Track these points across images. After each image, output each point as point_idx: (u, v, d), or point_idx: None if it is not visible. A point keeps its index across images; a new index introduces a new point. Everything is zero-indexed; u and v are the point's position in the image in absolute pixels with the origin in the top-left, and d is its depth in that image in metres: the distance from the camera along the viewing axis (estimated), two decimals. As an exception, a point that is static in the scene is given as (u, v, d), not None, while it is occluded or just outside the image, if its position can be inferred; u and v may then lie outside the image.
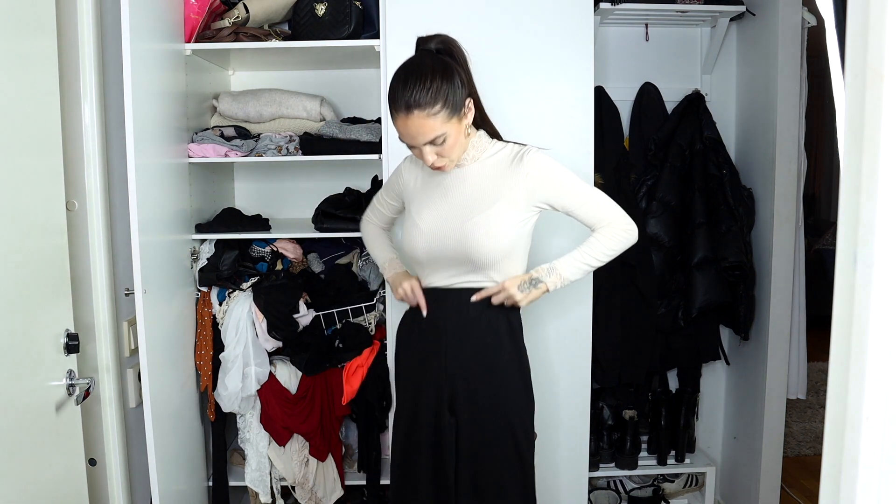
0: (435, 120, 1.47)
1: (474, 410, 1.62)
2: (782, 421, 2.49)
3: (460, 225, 1.57)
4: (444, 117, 1.48)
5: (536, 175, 1.57)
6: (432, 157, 1.52)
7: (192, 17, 2.08)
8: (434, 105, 1.46)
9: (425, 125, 1.47)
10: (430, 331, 1.66)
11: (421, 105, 1.45)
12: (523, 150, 1.60)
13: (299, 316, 2.17)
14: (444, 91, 1.47)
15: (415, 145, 1.52)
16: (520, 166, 1.57)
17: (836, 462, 0.59)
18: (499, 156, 1.61)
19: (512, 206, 1.57)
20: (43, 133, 1.41)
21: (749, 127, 2.55)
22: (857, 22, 0.56)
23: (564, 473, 2.20)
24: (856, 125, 0.56)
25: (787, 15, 2.30)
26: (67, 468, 1.47)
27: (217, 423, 2.23)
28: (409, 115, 1.46)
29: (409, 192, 1.71)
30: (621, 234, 1.62)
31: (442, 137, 1.49)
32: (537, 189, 1.58)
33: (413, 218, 1.65)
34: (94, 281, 1.84)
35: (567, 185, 1.60)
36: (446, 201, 1.62)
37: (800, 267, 2.50)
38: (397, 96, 1.47)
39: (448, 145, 1.51)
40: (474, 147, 1.61)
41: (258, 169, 2.59)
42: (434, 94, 1.46)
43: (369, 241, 1.91)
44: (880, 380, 0.56)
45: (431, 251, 1.61)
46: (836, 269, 0.59)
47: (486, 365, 1.63)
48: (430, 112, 1.46)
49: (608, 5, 2.33)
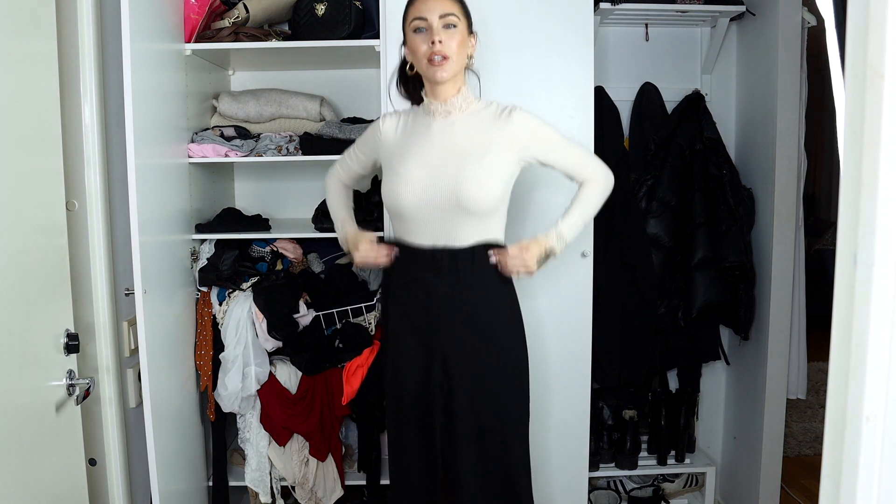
0: (455, 3, 1.58)
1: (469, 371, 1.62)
2: (782, 421, 2.49)
3: (454, 173, 1.56)
4: (461, 11, 1.59)
5: (528, 131, 1.63)
6: (439, 36, 1.55)
7: (192, 17, 2.08)
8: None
9: (447, 1, 1.57)
10: (416, 290, 1.63)
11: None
12: (510, 106, 1.65)
13: (299, 316, 2.17)
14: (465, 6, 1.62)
15: (429, 20, 1.56)
16: (509, 120, 1.62)
17: (836, 462, 0.59)
18: (487, 110, 1.65)
19: (501, 159, 1.60)
20: (43, 133, 1.41)
21: (749, 127, 2.55)
22: (857, 22, 0.56)
23: (564, 473, 2.20)
24: (856, 125, 0.56)
25: (787, 15, 2.30)
26: (67, 468, 1.47)
27: (217, 423, 2.23)
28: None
29: (387, 145, 1.69)
30: (604, 185, 1.72)
31: (455, 21, 1.57)
32: (528, 144, 1.63)
33: (395, 168, 1.63)
34: (94, 281, 1.84)
35: (553, 141, 1.67)
36: (434, 151, 1.61)
37: (800, 267, 2.49)
38: None
39: (456, 41, 1.57)
40: (463, 97, 1.64)
41: (258, 169, 2.59)
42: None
43: (331, 196, 1.91)
44: (880, 380, 0.56)
45: (418, 202, 1.58)
46: (836, 269, 0.59)
47: (479, 325, 1.62)
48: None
49: (608, 5, 2.33)
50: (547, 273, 1.93)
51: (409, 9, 1.61)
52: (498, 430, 1.65)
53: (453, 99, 1.62)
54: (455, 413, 1.63)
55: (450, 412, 1.64)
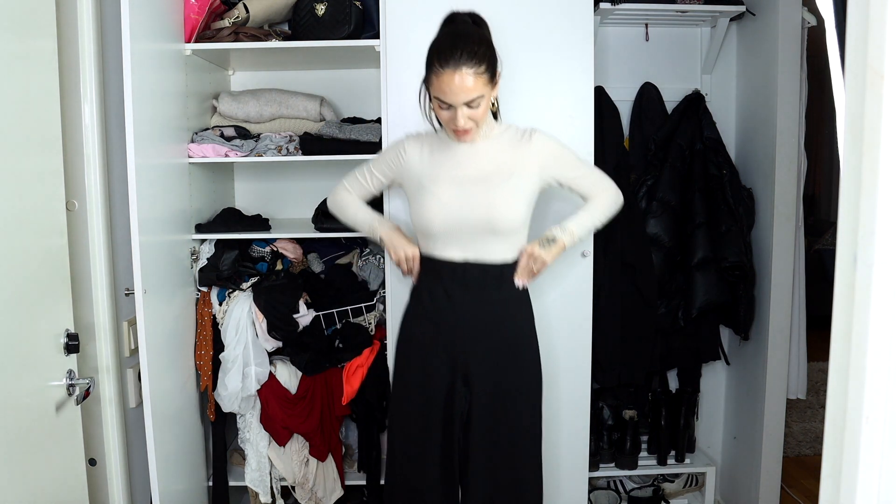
0: (478, 80, 1.53)
1: (490, 384, 1.69)
2: (782, 421, 2.49)
3: (484, 194, 1.64)
4: (486, 80, 1.55)
5: (548, 152, 1.70)
6: (464, 120, 1.57)
7: (192, 17, 2.08)
8: (481, 65, 1.53)
9: (470, 83, 1.52)
10: (444, 304, 1.70)
11: (470, 62, 1.51)
12: (528, 129, 1.71)
13: (299, 316, 2.17)
14: (488, 55, 1.56)
15: (453, 104, 1.55)
16: (529, 144, 1.68)
17: (836, 462, 0.59)
18: (507, 134, 1.71)
19: (525, 179, 1.67)
20: (43, 133, 1.41)
21: (749, 127, 2.55)
22: (857, 22, 0.56)
23: (564, 473, 2.20)
24: (856, 125, 0.56)
25: (787, 15, 2.30)
26: (67, 468, 1.47)
27: (217, 423, 2.23)
28: (457, 71, 1.51)
29: (413, 168, 1.72)
30: (615, 198, 1.80)
31: (479, 100, 1.56)
32: (548, 166, 1.70)
33: (428, 188, 1.68)
34: (94, 281, 1.83)
35: (570, 161, 1.74)
36: (463, 173, 1.67)
37: (800, 267, 2.49)
38: (446, 54, 1.52)
39: (481, 110, 1.58)
40: (486, 124, 1.67)
41: (258, 169, 2.59)
42: (481, 56, 1.54)
43: (345, 207, 1.87)
44: (880, 380, 0.56)
45: (450, 222, 1.65)
46: (836, 269, 0.59)
47: (502, 340, 1.70)
48: (477, 70, 1.52)
49: (608, 5, 2.33)
50: (547, 273, 1.93)
51: (431, 76, 1.56)
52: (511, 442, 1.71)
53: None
54: (472, 424, 1.70)
55: (467, 423, 1.71)
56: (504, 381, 1.70)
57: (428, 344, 1.72)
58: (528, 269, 1.71)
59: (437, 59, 1.54)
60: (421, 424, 1.72)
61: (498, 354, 1.70)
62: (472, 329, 1.69)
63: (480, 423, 1.69)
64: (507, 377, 1.70)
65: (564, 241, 1.72)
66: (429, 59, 1.57)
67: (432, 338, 1.71)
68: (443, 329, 1.70)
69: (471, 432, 1.70)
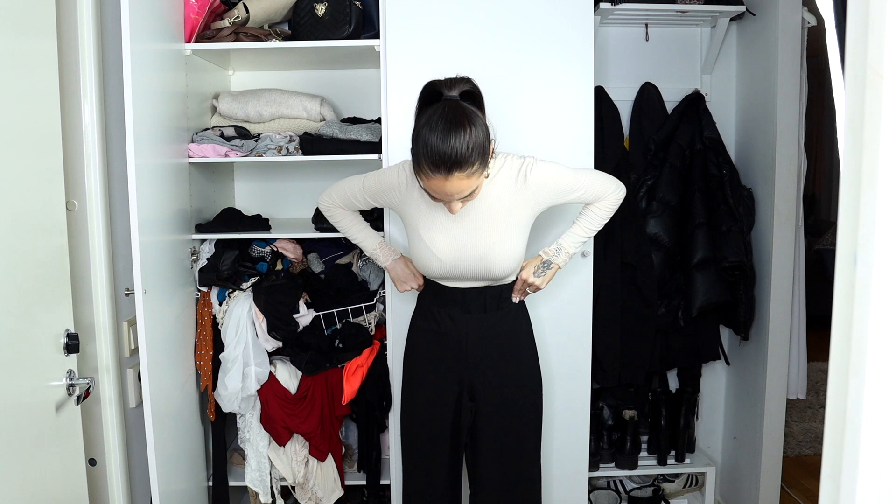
0: (472, 178, 1.49)
1: (495, 396, 1.75)
2: (782, 421, 2.49)
3: (479, 245, 1.64)
4: (479, 171, 1.50)
5: (546, 189, 1.66)
6: (458, 206, 1.56)
7: (192, 17, 2.08)
8: (473, 164, 1.46)
9: (464, 184, 1.49)
10: (449, 325, 1.75)
11: (462, 165, 1.44)
12: (525, 164, 1.63)
13: (299, 316, 2.17)
14: (480, 145, 1.47)
15: (448, 201, 1.54)
16: (525, 183, 1.64)
17: (836, 462, 0.59)
18: (503, 172, 1.64)
19: (522, 219, 1.67)
20: (43, 133, 1.41)
21: (749, 127, 2.55)
22: (857, 22, 0.56)
23: (564, 473, 2.20)
24: (856, 125, 0.56)
25: (787, 15, 2.30)
26: (67, 468, 1.47)
27: (217, 423, 2.23)
28: (450, 177, 1.46)
29: (410, 208, 1.70)
30: (614, 200, 1.76)
31: (476, 192, 1.55)
32: (542, 200, 1.68)
33: (422, 237, 1.68)
34: (94, 281, 1.83)
35: (568, 187, 1.69)
36: (459, 223, 1.66)
37: (800, 267, 2.49)
38: (435, 158, 1.44)
39: (475, 193, 1.56)
40: None
41: (258, 169, 2.59)
42: (472, 152, 1.45)
43: (345, 226, 1.89)
44: (880, 380, 0.56)
45: (448, 271, 1.70)
46: (836, 269, 0.59)
47: (503, 353, 1.76)
48: (469, 172, 1.47)
49: (608, 5, 2.33)
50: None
51: (419, 172, 1.50)
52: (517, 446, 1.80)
53: None
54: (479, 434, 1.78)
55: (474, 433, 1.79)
56: (507, 392, 1.77)
57: (435, 359, 1.78)
58: (523, 291, 1.79)
59: (425, 160, 1.45)
60: (431, 438, 1.80)
61: (501, 368, 1.76)
62: (476, 345, 1.74)
63: (487, 433, 1.77)
64: (510, 388, 1.77)
65: (559, 264, 1.79)
66: (416, 150, 1.48)
67: (438, 353, 1.77)
68: (448, 344, 1.76)
69: (478, 441, 1.78)
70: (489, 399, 1.76)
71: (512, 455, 1.80)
